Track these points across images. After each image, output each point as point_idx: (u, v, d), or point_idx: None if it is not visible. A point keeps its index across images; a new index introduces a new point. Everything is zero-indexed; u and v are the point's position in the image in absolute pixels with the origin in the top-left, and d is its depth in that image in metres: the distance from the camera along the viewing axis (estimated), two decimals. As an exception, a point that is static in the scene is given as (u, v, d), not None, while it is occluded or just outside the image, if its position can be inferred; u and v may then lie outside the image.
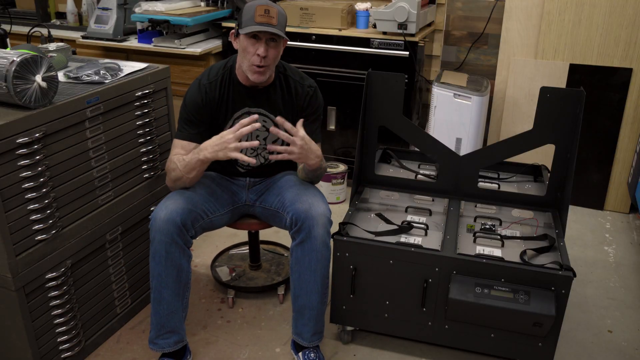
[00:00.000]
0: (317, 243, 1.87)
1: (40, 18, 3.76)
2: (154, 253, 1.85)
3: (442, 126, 3.03)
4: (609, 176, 3.10)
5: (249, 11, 1.81)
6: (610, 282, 2.55)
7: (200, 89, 1.94)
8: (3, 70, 1.60)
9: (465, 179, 2.23)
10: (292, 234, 1.92)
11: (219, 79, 1.96)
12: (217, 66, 1.99)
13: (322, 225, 1.87)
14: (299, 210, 1.88)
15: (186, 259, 1.89)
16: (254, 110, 1.98)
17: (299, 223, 1.87)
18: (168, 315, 1.90)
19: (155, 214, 1.85)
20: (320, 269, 1.90)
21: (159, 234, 1.82)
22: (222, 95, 1.96)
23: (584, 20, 2.92)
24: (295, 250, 1.91)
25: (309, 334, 1.97)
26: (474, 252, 1.95)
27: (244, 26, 1.82)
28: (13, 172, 1.64)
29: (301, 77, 2.04)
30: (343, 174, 3.19)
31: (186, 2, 3.41)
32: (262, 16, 1.80)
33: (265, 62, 1.85)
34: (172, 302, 1.89)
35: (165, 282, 1.86)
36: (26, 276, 1.73)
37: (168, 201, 1.88)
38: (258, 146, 1.94)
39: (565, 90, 2.04)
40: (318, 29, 3.14)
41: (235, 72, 1.96)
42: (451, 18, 3.43)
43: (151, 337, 1.94)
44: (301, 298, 1.94)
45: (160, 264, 1.84)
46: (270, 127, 1.97)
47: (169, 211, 1.83)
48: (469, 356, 2.08)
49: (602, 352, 2.13)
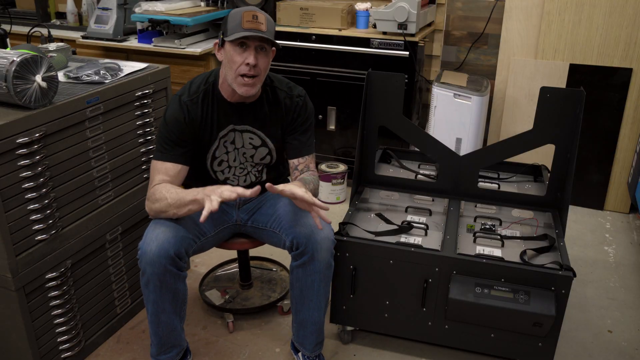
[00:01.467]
0: (320, 266, 1.79)
1: (40, 18, 3.76)
2: (147, 283, 1.72)
3: (442, 126, 3.03)
4: (609, 176, 3.10)
5: (234, 17, 1.68)
6: (610, 282, 2.55)
7: (182, 106, 1.78)
8: (3, 70, 1.60)
9: (465, 179, 2.23)
10: (293, 255, 1.83)
11: (201, 95, 1.80)
12: (198, 81, 1.84)
13: (327, 250, 1.79)
14: (301, 234, 1.78)
15: (182, 281, 1.76)
16: (240, 127, 1.86)
17: (301, 247, 1.78)
18: (168, 334, 1.84)
19: (145, 246, 1.69)
20: (322, 287, 1.84)
21: (150, 267, 1.68)
22: (205, 113, 1.81)
23: (584, 20, 2.92)
24: (296, 270, 1.83)
25: (311, 345, 1.96)
26: (474, 252, 1.95)
27: (229, 33, 1.67)
28: (13, 172, 1.64)
29: (289, 88, 1.90)
30: (343, 174, 3.19)
31: (186, 2, 3.41)
32: (250, 22, 1.66)
33: (255, 71, 1.71)
34: (171, 322, 1.81)
35: (162, 308, 1.77)
36: (26, 276, 1.73)
37: (157, 230, 1.71)
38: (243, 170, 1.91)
39: (565, 90, 2.04)
40: (318, 29, 3.14)
41: (219, 87, 1.82)
42: (451, 18, 3.43)
43: (153, 353, 1.89)
44: (302, 313, 1.90)
45: (155, 292, 1.73)
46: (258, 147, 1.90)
47: (160, 243, 1.68)
48: (469, 356, 2.08)
49: (602, 352, 2.13)
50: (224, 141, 1.87)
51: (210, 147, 1.87)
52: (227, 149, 1.89)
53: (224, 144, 1.88)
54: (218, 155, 1.89)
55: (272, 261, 2.61)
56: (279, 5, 3.25)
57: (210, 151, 1.87)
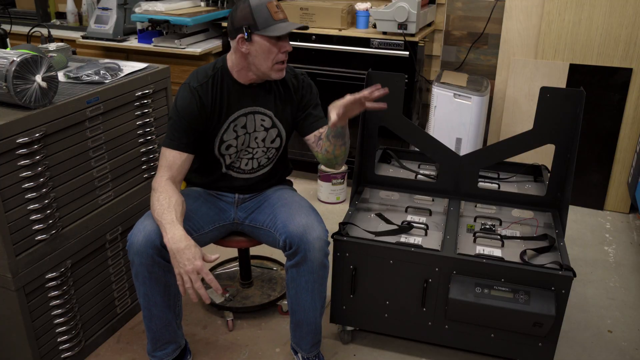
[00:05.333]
0: (313, 266, 1.79)
1: (40, 18, 3.77)
2: (137, 274, 1.76)
3: (442, 126, 3.03)
4: (609, 176, 3.10)
5: (261, 11, 1.72)
6: (610, 282, 2.55)
7: (192, 92, 1.81)
8: (3, 70, 1.60)
9: (465, 179, 2.23)
10: (287, 255, 1.83)
11: (210, 81, 1.83)
12: (204, 69, 1.87)
13: (319, 249, 1.78)
14: (293, 233, 1.78)
15: (171, 273, 1.73)
16: (251, 109, 1.88)
17: (294, 247, 1.78)
18: (162, 329, 1.85)
19: (133, 237, 1.73)
20: (317, 287, 1.84)
21: (138, 257, 1.72)
22: (216, 97, 1.84)
23: (584, 20, 2.92)
24: (290, 270, 1.83)
25: (307, 346, 1.96)
26: (474, 252, 1.95)
27: (262, 27, 1.72)
28: (13, 172, 1.64)
29: (291, 69, 1.94)
30: (343, 174, 3.19)
31: (186, 2, 3.41)
32: (277, 12, 1.74)
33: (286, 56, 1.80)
34: (164, 316, 1.83)
35: (154, 301, 1.79)
36: (26, 276, 1.73)
37: (145, 221, 1.75)
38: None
39: (565, 90, 2.04)
40: (318, 29, 3.14)
41: (231, 72, 1.85)
42: (451, 18, 3.43)
43: (149, 350, 1.90)
44: (298, 313, 1.90)
45: (144, 285, 1.76)
46: (269, 128, 1.92)
47: (146, 232, 1.71)
48: (469, 356, 2.08)
49: (602, 352, 2.13)
50: (233, 125, 1.88)
51: (218, 131, 1.88)
52: (237, 134, 1.89)
53: (234, 128, 1.88)
54: (226, 139, 1.89)
55: (273, 260, 2.62)
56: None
57: (218, 135, 1.88)
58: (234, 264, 2.55)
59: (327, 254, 1.83)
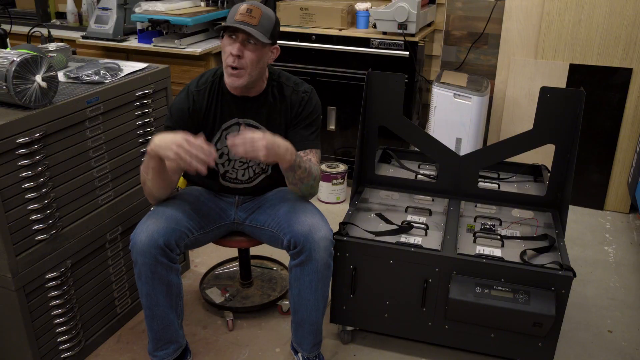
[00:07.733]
0: (318, 265, 1.79)
1: (40, 18, 3.76)
2: (139, 274, 1.76)
3: (442, 126, 3.03)
4: (609, 176, 3.10)
5: (234, 9, 1.73)
6: (610, 282, 2.55)
7: (189, 96, 1.84)
8: (3, 70, 1.60)
9: (465, 179, 2.23)
10: (291, 254, 1.83)
11: (208, 87, 1.85)
12: (208, 74, 1.89)
13: (324, 249, 1.78)
14: (298, 233, 1.78)
15: (174, 273, 1.79)
16: (242, 121, 1.88)
17: (299, 246, 1.78)
18: (163, 329, 1.85)
19: (135, 237, 1.74)
20: (320, 287, 1.84)
21: (141, 257, 1.72)
22: (210, 104, 1.85)
23: (584, 20, 2.92)
24: (294, 270, 1.83)
25: (309, 346, 1.95)
26: (474, 252, 1.95)
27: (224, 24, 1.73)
28: (13, 172, 1.64)
29: (296, 84, 1.91)
30: (343, 174, 3.19)
31: (186, 2, 3.41)
32: (242, 15, 1.69)
33: (240, 64, 1.72)
34: (166, 316, 1.83)
35: (156, 301, 1.79)
36: (26, 276, 1.73)
37: (148, 221, 1.77)
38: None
39: (565, 90, 2.04)
40: (318, 29, 3.14)
41: (224, 80, 1.84)
42: (451, 18, 3.43)
43: (150, 350, 1.90)
44: (301, 313, 1.89)
45: (147, 284, 1.76)
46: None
47: (149, 232, 1.72)
48: (469, 356, 2.08)
49: (602, 352, 2.13)
50: (226, 134, 1.88)
51: (211, 139, 1.88)
52: None
53: (226, 136, 1.87)
54: (219, 148, 1.90)
55: (273, 260, 2.61)
56: (279, 5, 3.25)
57: (211, 142, 1.87)
58: (234, 264, 2.55)
59: (332, 254, 1.84)
